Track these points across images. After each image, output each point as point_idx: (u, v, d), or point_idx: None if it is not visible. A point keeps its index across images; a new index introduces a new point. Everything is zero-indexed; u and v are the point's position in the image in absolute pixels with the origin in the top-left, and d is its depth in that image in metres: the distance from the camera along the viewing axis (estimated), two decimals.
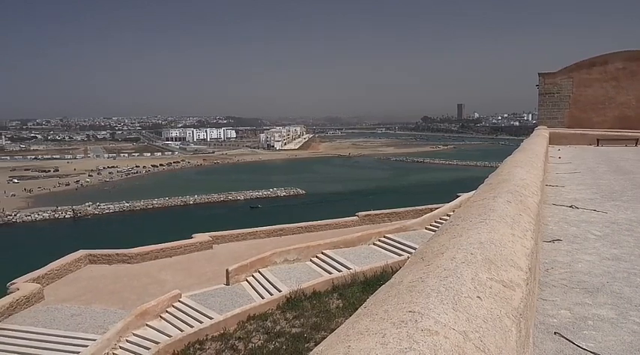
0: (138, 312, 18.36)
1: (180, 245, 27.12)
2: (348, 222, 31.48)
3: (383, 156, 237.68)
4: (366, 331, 1.58)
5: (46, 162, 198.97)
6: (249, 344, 14.21)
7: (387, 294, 1.99)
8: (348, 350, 1.46)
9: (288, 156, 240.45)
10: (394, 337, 1.49)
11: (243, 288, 20.60)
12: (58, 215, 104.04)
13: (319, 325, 14.20)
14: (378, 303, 1.89)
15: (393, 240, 23.58)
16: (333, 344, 1.55)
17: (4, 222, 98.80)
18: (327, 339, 1.67)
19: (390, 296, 1.95)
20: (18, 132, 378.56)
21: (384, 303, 1.86)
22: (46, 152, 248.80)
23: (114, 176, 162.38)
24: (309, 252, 22.77)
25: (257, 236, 29.58)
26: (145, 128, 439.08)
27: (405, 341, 1.46)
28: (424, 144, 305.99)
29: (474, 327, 1.68)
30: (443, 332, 1.56)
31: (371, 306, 1.89)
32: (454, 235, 2.89)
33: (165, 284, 22.22)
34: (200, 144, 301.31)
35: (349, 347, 1.49)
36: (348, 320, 1.82)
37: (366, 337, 1.53)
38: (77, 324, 18.90)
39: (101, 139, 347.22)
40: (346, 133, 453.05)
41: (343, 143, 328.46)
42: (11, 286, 21.35)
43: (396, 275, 2.35)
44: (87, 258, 25.68)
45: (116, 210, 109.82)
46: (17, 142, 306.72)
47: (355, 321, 1.75)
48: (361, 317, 1.78)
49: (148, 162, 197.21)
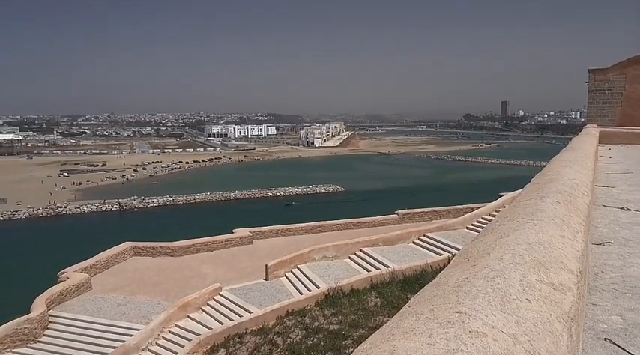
0: (180, 304, 18.81)
1: (222, 239, 27.60)
2: (387, 220, 31.27)
3: (423, 154, 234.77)
4: (411, 330, 1.56)
5: (95, 157, 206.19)
6: (287, 340, 14.32)
7: (432, 294, 1.96)
8: (393, 349, 1.45)
9: (327, 153, 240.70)
10: (441, 337, 1.47)
11: (282, 284, 20.79)
12: (105, 208, 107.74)
13: (357, 323, 14.16)
14: (424, 303, 1.86)
15: (433, 239, 23.26)
16: (378, 343, 1.54)
17: (56, 213, 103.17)
18: (371, 337, 1.66)
19: (435, 295, 1.92)
20: (69, 128, 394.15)
21: (429, 303, 1.83)
22: (94, 147, 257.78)
23: (158, 171, 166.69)
24: (347, 250, 22.75)
25: (296, 232, 29.78)
26: (188, 124, 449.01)
27: (452, 342, 1.44)
28: (466, 142, 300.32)
29: (524, 330, 1.63)
30: (491, 334, 1.52)
31: (416, 305, 1.86)
32: (501, 235, 2.82)
33: (207, 277, 22.68)
34: (241, 141, 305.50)
35: (395, 345, 1.47)
36: (393, 319, 1.81)
37: (412, 336, 1.51)
38: (122, 314, 19.54)
39: (146, 135, 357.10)
40: (386, 131, 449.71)
41: (383, 140, 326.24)
42: (62, 275, 22.26)
43: (441, 274, 2.32)
44: (132, 250, 26.48)
45: (160, 204, 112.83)
46: (68, 137, 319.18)
47: (400, 320, 1.73)
48: (406, 316, 1.76)
49: (190, 158, 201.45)
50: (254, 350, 14.43)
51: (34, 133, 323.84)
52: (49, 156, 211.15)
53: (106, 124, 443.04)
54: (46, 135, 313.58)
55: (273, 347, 14.20)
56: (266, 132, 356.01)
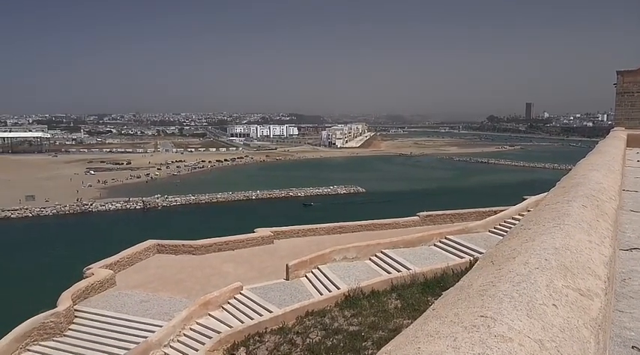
0: (201, 302, 19.00)
1: (243, 239, 27.80)
2: (408, 222, 31.09)
3: (446, 155, 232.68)
4: (436, 333, 1.56)
5: (120, 155, 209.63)
6: (306, 340, 14.34)
7: (456, 297, 1.95)
8: (418, 352, 1.44)
9: (349, 153, 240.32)
10: (466, 341, 1.46)
11: (302, 284, 20.84)
12: (130, 206, 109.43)
13: (377, 324, 14.11)
14: (448, 306, 1.85)
15: (454, 241, 23.04)
16: (402, 345, 1.54)
17: (82, 210, 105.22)
18: (395, 340, 1.66)
19: (459, 299, 1.91)
20: (95, 127, 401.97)
21: (453, 306, 1.82)
22: (119, 145, 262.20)
23: (181, 170, 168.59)
24: (368, 251, 22.69)
25: (317, 232, 29.81)
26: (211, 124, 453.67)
27: (477, 347, 1.43)
28: (489, 145, 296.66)
29: (550, 336, 1.61)
30: (517, 339, 1.51)
31: (440, 309, 1.86)
32: (526, 239, 2.78)
33: (228, 276, 22.86)
34: (263, 141, 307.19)
35: (419, 349, 1.47)
36: (416, 322, 1.80)
37: (437, 340, 1.51)
38: (145, 310, 19.83)
39: (170, 134, 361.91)
40: (408, 132, 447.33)
41: (405, 141, 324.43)
42: (87, 271, 22.69)
43: (465, 278, 2.30)
44: (155, 248, 26.84)
45: (183, 203, 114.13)
46: (94, 136, 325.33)
47: (424, 323, 1.72)
48: (430, 319, 1.75)
49: (213, 157, 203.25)
50: (274, 349, 14.50)
51: (62, 132, 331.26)
52: (75, 155, 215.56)
53: (131, 123, 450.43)
54: (74, 134, 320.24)
55: (292, 346, 14.24)
56: (288, 132, 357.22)
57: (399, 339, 1.63)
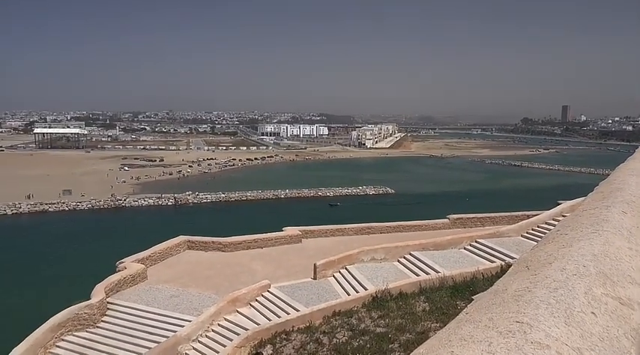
0: (230, 299, 19.20)
1: (272, 237, 27.97)
2: (438, 224, 30.74)
3: (477, 157, 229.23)
4: (469, 338, 1.54)
5: (153, 152, 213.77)
6: (333, 340, 14.32)
7: (490, 302, 1.92)
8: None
9: (378, 154, 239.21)
10: (501, 347, 1.44)
11: (329, 283, 20.84)
12: (162, 202, 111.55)
13: (404, 327, 13.98)
14: (482, 310, 1.82)
15: (485, 245, 22.65)
16: (435, 348, 1.52)
17: (116, 205, 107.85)
18: (427, 343, 1.65)
19: (494, 304, 1.87)
20: (130, 124, 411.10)
21: (487, 311, 1.79)
22: (153, 143, 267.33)
23: (212, 168, 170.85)
24: (396, 252, 22.52)
25: (345, 233, 29.77)
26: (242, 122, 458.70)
27: (513, 352, 1.40)
28: (523, 147, 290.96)
29: (589, 345, 1.57)
30: (555, 346, 1.47)
31: (473, 313, 1.83)
32: (563, 245, 2.71)
33: (256, 273, 23.04)
34: (293, 140, 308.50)
35: (452, 352, 1.45)
36: (449, 325, 1.78)
37: (470, 344, 1.48)
38: (175, 305, 20.17)
39: (202, 132, 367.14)
40: (439, 133, 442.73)
41: (436, 143, 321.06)
42: (120, 265, 23.21)
43: (499, 282, 2.26)
44: (186, 244, 27.26)
45: (213, 200, 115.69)
46: (129, 133, 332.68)
47: (457, 327, 1.70)
48: (463, 323, 1.72)
49: (243, 156, 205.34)
50: (300, 348, 14.53)
51: (99, 129, 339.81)
52: (111, 151, 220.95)
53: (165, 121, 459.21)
54: (109, 131, 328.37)
55: (319, 346, 14.24)
56: (318, 132, 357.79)
57: (431, 342, 1.61)
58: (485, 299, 2.00)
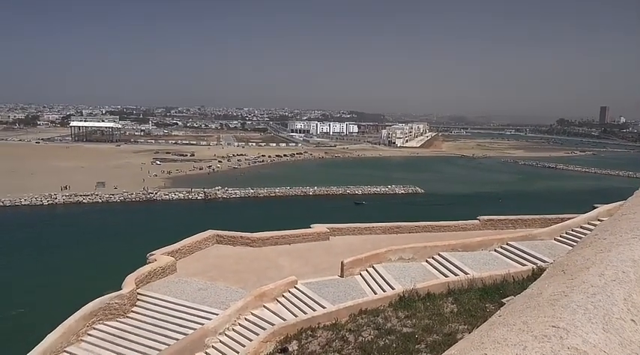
0: (257, 293, 19.36)
1: (299, 234, 28.06)
2: (468, 226, 30.30)
3: (510, 158, 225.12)
4: (503, 340, 1.50)
5: (184, 147, 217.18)
6: (359, 338, 14.28)
7: (525, 305, 1.87)
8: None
9: (408, 153, 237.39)
10: (537, 351, 1.40)
11: (356, 282, 20.79)
12: (192, 196, 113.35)
13: (431, 328, 13.83)
14: (515, 313, 1.78)
15: (516, 248, 22.21)
16: (467, 350, 1.49)
17: (147, 198, 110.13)
18: (458, 344, 1.62)
19: (528, 307, 1.83)
20: (162, 119, 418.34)
21: (522, 314, 1.75)
22: (184, 138, 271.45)
23: (241, 163, 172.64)
24: (425, 253, 22.31)
25: (373, 231, 29.64)
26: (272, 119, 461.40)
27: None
28: (558, 149, 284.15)
29: (628, 353, 1.51)
30: (592, 353, 1.42)
31: (507, 315, 1.78)
32: (601, 249, 2.63)
33: (283, 269, 23.17)
34: (323, 137, 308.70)
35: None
36: (481, 327, 1.74)
37: (504, 347, 1.45)
38: (203, 298, 20.45)
39: (232, 128, 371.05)
40: (471, 133, 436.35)
41: (468, 143, 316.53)
42: (150, 257, 23.65)
43: (534, 285, 2.20)
44: (214, 238, 27.60)
45: (242, 196, 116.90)
46: (161, 127, 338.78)
47: (490, 329, 1.66)
48: (496, 325, 1.69)
49: (272, 152, 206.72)
50: (326, 345, 14.55)
51: (132, 123, 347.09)
52: (143, 145, 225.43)
53: (196, 117, 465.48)
54: (142, 125, 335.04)
55: (344, 343, 14.23)
56: (347, 129, 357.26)
57: (462, 344, 1.58)
58: (520, 302, 1.96)
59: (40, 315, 41.99)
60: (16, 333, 38.01)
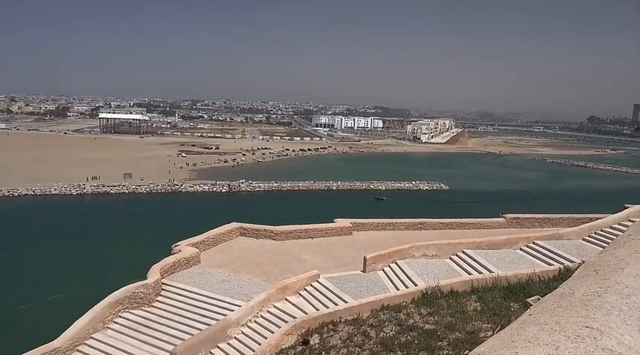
0: (279, 286, 19.48)
1: (322, 228, 28.11)
2: (493, 223, 29.91)
3: (538, 156, 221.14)
4: (534, 340, 1.47)
5: (209, 140, 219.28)
6: (380, 333, 14.24)
7: (556, 304, 1.83)
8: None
9: (433, 149, 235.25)
10: (569, 351, 1.36)
11: (378, 277, 20.74)
12: (216, 188, 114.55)
13: (454, 325, 13.70)
14: (547, 313, 1.74)
15: (543, 247, 21.83)
16: (497, 348, 1.47)
17: (172, 190, 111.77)
18: (488, 342, 1.59)
19: (560, 307, 1.79)
20: (188, 112, 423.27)
21: (553, 313, 1.71)
22: (209, 130, 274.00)
23: (266, 157, 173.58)
24: (449, 250, 22.11)
25: (396, 227, 29.50)
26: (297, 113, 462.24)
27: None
28: (588, 147, 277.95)
29: None
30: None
31: (538, 314, 1.75)
32: (635, 250, 2.56)
33: (306, 263, 23.26)
34: (347, 132, 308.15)
35: (516, 354, 1.39)
36: (511, 326, 1.71)
37: (536, 346, 1.42)
38: (226, 289, 20.68)
39: (257, 122, 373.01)
40: (498, 130, 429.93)
41: (494, 140, 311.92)
42: (175, 248, 24.01)
43: (565, 285, 2.16)
44: (238, 230, 27.85)
45: (265, 189, 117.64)
46: (187, 120, 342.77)
47: (520, 328, 1.63)
48: (527, 324, 1.66)
49: (297, 146, 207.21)
50: (347, 339, 14.55)
51: (159, 115, 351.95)
52: (169, 137, 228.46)
53: (222, 110, 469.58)
54: (169, 118, 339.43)
55: (366, 338, 14.22)
56: (372, 124, 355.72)
57: (492, 342, 1.56)
58: (551, 301, 1.92)
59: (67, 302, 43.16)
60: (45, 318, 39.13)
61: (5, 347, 19.39)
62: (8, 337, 34.46)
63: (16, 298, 48.70)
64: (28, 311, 46.42)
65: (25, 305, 47.66)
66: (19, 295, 49.52)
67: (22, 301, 48.19)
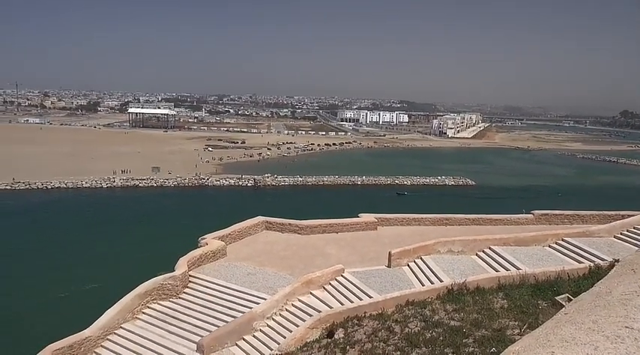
0: (304, 280, 19.57)
1: (347, 223, 28.08)
2: (521, 220, 29.41)
3: (567, 151, 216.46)
4: (571, 339, 1.43)
5: (236, 135, 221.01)
6: (405, 329, 14.19)
7: (593, 303, 1.78)
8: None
9: (460, 144, 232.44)
10: (609, 352, 1.32)
11: (403, 273, 20.64)
12: (242, 182, 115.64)
13: (480, 322, 13.55)
14: (584, 312, 1.70)
15: (572, 244, 21.38)
16: (532, 347, 1.44)
17: (199, 184, 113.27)
18: (522, 340, 1.56)
19: (597, 306, 1.74)
20: (215, 106, 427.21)
21: (590, 313, 1.67)
22: (236, 125, 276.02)
23: (291, 151, 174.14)
24: (475, 246, 21.85)
25: (422, 222, 29.27)
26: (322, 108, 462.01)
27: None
28: (620, 142, 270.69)
29: None
30: None
31: (574, 314, 1.71)
32: None
33: (330, 257, 23.28)
34: (372, 127, 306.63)
35: (553, 353, 1.36)
36: (546, 325, 1.67)
37: (573, 346, 1.38)
38: (251, 283, 20.88)
39: (283, 116, 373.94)
40: (527, 124, 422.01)
41: (522, 134, 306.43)
42: (201, 241, 24.32)
43: (601, 284, 2.10)
44: (264, 224, 28.04)
45: (290, 183, 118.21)
46: (214, 115, 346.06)
47: (556, 327, 1.59)
48: (563, 323, 1.61)
49: (322, 141, 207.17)
50: (371, 334, 14.54)
51: (186, 110, 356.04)
52: (196, 132, 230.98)
53: (248, 104, 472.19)
54: (196, 112, 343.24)
55: (390, 334, 14.18)
56: (397, 119, 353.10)
57: (527, 340, 1.53)
58: (587, 300, 1.87)
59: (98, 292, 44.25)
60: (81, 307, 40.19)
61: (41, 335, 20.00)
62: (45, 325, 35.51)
63: (57, 286, 50.54)
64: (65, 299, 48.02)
65: (63, 293, 49.39)
66: (58, 284, 51.40)
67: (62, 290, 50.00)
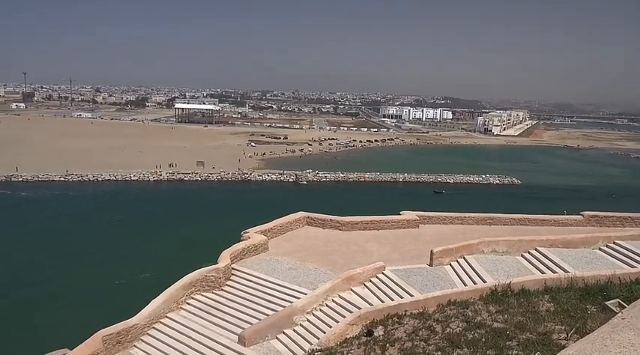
0: (345, 276, 19.59)
1: (389, 220, 27.91)
2: (569, 221, 28.45)
3: (620, 151, 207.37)
4: (630, 345, 1.41)
5: (278, 130, 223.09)
6: (446, 329, 14.00)
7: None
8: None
9: (506, 142, 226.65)
10: None
11: (445, 272, 20.35)
12: (283, 178, 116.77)
13: (525, 325, 13.21)
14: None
15: (625, 248, 20.51)
16: (588, 351, 1.42)
17: (242, 178, 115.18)
18: (576, 344, 1.54)
19: None
20: (258, 102, 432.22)
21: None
22: (278, 121, 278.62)
23: (333, 147, 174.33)
24: (520, 246, 21.29)
25: (465, 221, 28.76)
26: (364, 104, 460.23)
27: None
28: None
29: None
30: None
31: (632, 319, 1.67)
32: None
33: (371, 254, 23.21)
34: (415, 123, 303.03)
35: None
36: (602, 329, 1.64)
37: (632, 352, 1.36)
38: (292, 277, 21.07)
39: (325, 112, 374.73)
40: (577, 122, 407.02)
41: (572, 133, 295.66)
42: (244, 234, 24.73)
43: None
44: (305, 220, 28.21)
45: (332, 179, 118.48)
46: (257, 110, 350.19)
47: (612, 331, 1.56)
48: (620, 328, 1.58)
49: (363, 137, 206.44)
50: (412, 333, 14.42)
51: (230, 105, 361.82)
52: (240, 127, 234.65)
53: (290, 100, 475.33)
54: (240, 108, 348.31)
55: (431, 333, 14.02)
56: (441, 116, 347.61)
57: (582, 344, 1.50)
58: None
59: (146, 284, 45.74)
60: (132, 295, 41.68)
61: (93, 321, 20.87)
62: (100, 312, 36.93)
63: (114, 274, 53.17)
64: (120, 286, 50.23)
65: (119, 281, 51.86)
66: (117, 272, 54.05)
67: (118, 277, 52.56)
